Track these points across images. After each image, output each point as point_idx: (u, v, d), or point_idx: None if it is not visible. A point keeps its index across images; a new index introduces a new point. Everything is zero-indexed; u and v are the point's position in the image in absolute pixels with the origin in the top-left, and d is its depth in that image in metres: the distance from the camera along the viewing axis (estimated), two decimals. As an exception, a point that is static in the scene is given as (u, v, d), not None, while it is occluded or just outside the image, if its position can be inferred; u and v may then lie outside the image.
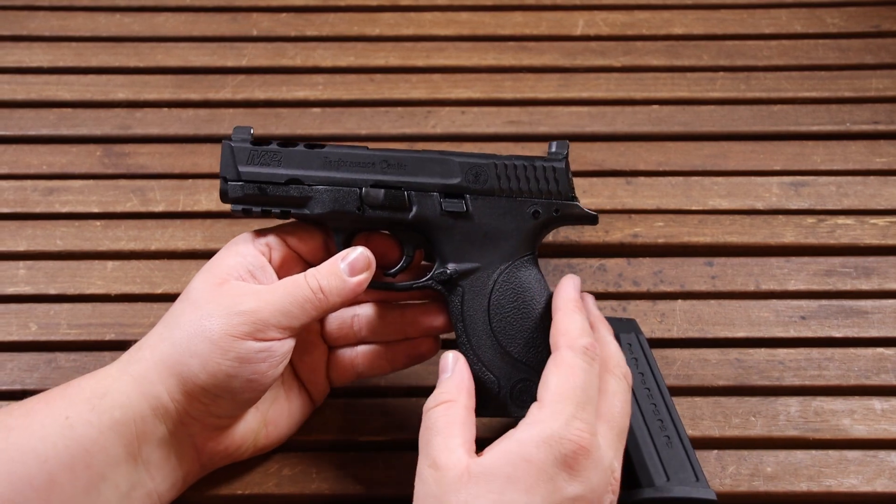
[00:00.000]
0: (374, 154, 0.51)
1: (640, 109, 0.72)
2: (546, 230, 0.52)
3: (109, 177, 0.67)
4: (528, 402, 0.46)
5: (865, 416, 0.56)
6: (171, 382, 0.46)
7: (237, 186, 0.51)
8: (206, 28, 0.77)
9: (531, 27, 0.77)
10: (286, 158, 0.51)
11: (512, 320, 0.50)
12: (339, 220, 0.51)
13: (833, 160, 0.68)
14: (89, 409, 0.45)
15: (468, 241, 0.51)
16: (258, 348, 0.46)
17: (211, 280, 0.48)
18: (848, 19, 0.77)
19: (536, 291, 0.50)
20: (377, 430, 0.55)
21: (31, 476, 0.42)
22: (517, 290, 0.50)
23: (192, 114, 0.71)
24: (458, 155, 0.52)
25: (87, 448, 0.44)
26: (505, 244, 0.51)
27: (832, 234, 0.64)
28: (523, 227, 0.51)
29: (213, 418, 0.48)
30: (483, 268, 0.50)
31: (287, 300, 0.47)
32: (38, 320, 0.60)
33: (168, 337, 0.47)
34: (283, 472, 0.53)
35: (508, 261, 0.50)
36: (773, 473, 0.54)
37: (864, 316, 0.60)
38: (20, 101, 0.72)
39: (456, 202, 0.51)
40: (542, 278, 0.51)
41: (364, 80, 0.73)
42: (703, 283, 0.62)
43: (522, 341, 0.50)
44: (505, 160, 0.51)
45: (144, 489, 0.47)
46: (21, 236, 0.64)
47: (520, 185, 0.51)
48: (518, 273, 0.50)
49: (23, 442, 0.43)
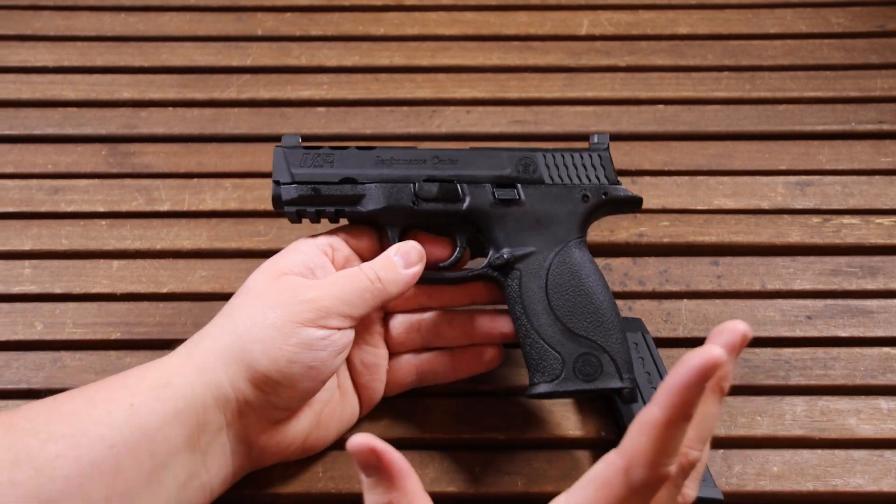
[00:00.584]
0: (425, 151, 0.54)
1: (645, 109, 0.72)
2: (595, 214, 0.55)
3: (114, 176, 0.67)
4: (591, 375, 0.50)
5: (871, 416, 0.56)
6: (233, 370, 0.47)
7: (291, 188, 0.53)
8: (210, 28, 0.77)
9: (536, 27, 0.77)
10: (339, 159, 0.54)
11: (570, 298, 0.52)
12: (394, 215, 0.53)
13: (838, 160, 0.68)
14: (153, 398, 0.45)
15: (521, 228, 0.53)
16: (320, 335, 0.47)
17: (270, 274, 0.50)
18: (853, 19, 0.77)
19: (591, 270, 0.53)
20: (384, 429, 0.55)
21: (99, 461, 0.43)
22: (573, 269, 0.52)
23: (197, 113, 0.71)
24: (505, 150, 0.55)
25: (151, 436, 0.44)
26: (558, 228, 0.53)
27: (838, 234, 0.64)
28: (574, 212, 0.53)
29: (271, 409, 0.48)
30: (538, 251, 0.53)
31: (347, 289, 0.49)
32: (44, 319, 0.60)
33: (229, 327, 0.48)
34: (289, 471, 0.53)
35: (562, 243, 0.53)
36: (779, 473, 0.54)
37: (870, 315, 0.60)
38: (25, 101, 0.72)
39: (508, 191, 0.54)
40: (593, 259, 0.53)
41: (369, 79, 0.73)
42: (708, 282, 0.62)
43: (581, 317, 0.51)
44: (552, 151, 0.55)
45: (200, 480, 0.47)
46: (26, 235, 0.64)
47: (568, 173, 0.54)
48: (572, 254, 0.53)
49: (89, 427, 0.43)
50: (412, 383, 0.55)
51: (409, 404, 0.56)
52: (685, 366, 0.35)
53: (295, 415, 0.50)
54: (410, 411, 0.56)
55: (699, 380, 0.35)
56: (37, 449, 0.42)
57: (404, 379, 0.55)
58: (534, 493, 0.53)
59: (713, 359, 0.35)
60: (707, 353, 0.35)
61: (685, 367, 0.35)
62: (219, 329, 0.48)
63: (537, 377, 0.51)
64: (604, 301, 0.52)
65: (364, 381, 0.54)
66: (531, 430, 0.55)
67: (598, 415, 0.56)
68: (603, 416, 0.56)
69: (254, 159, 0.68)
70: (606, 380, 0.50)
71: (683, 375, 0.35)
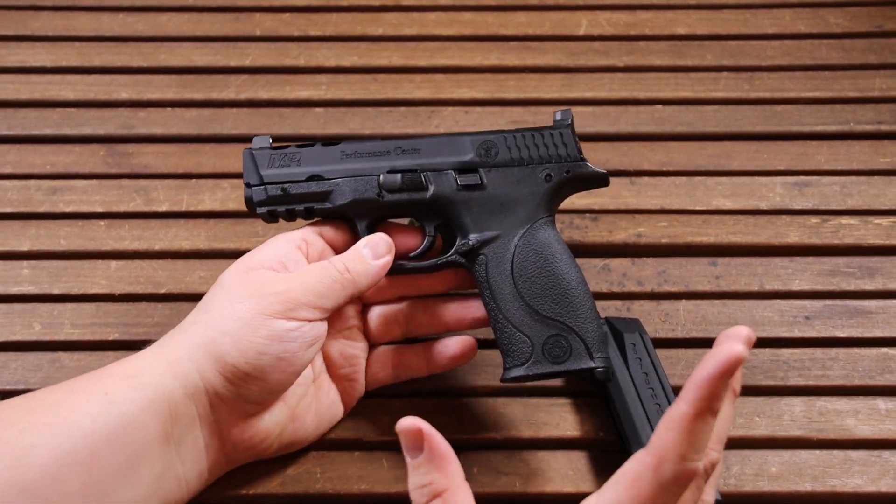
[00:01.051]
0: (388, 143, 0.54)
1: (644, 109, 0.72)
2: (561, 193, 0.54)
3: (113, 176, 0.67)
4: (560, 357, 0.50)
5: (870, 416, 0.56)
6: (203, 362, 0.47)
7: (261, 190, 0.54)
8: (209, 28, 0.77)
9: (534, 27, 0.77)
10: (304, 157, 0.54)
11: (536, 279, 0.52)
12: (361, 208, 0.53)
13: (837, 160, 0.68)
14: (128, 387, 0.46)
15: (486, 212, 0.53)
16: (290, 327, 0.47)
17: (241, 268, 0.50)
18: (851, 19, 0.77)
19: (556, 250, 0.52)
20: (382, 429, 0.55)
21: (75, 450, 0.43)
22: (537, 250, 0.52)
23: (195, 113, 0.71)
24: (467, 134, 0.55)
25: (126, 425, 0.45)
26: (521, 210, 0.53)
27: (836, 234, 0.64)
28: (537, 192, 0.53)
29: (242, 402, 0.48)
30: (503, 234, 0.53)
31: (316, 280, 0.49)
32: (42, 320, 0.60)
33: (200, 319, 0.48)
34: (287, 471, 0.53)
35: (526, 224, 0.53)
36: (777, 473, 0.54)
37: (869, 316, 0.60)
38: (24, 101, 0.72)
39: (471, 176, 0.54)
40: (561, 238, 0.53)
41: (367, 79, 0.73)
42: (706, 283, 0.62)
43: (548, 299, 0.51)
44: (514, 132, 0.54)
45: (175, 472, 0.47)
46: (25, 236, 0.64)
47: (530, 153, 0.54)
48: (536, 235, 0.52)
49: (66, 416, 0.44)
50: (389, 377, 0.55)
51: (405, 405, 0.56)
52: (711, 361, 0.37)
53: (267, 409, 0.50)
54: (407, 412, 0.56)
55: (725, 374, 0.37)
56: (14, 439, 0.42)
57: (380, 373, 0.55)
58: (531, 494, 0.53)
59: (736, 354, 0.37)
60: (731, 349, 0.37)
61: (711, 361, 0.37)
62: (191, 322, 0.49)
63: (509, 361, 0.51)
64: (571, 281, 0.51)
65: (343, 374, 0.54)
66: (529, 430, 0.55)
67: (595, 415, 0.56)
68: (601, 417, 0.56)
69: (252, 160, 0.68)
70: (576, 360, 0.50)
71: (710, 370, 0.37)
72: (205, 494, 0.51)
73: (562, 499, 0.53)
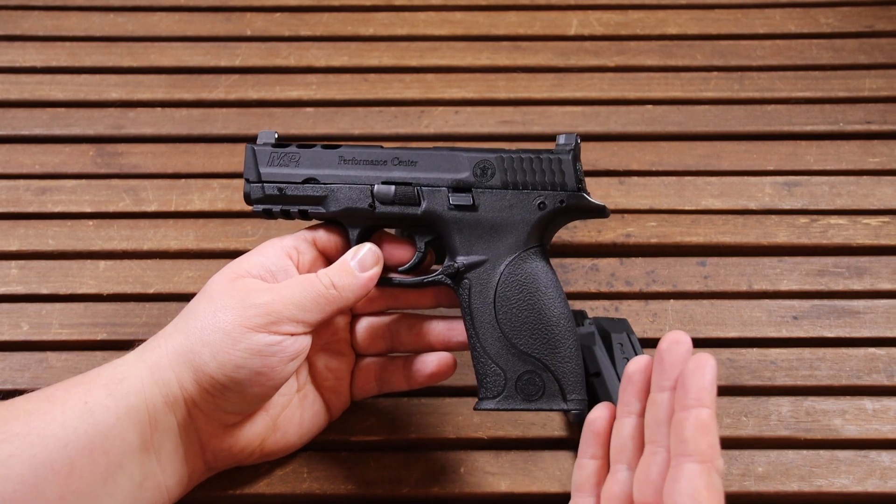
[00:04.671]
0: (386, 152, 0.52)
1: (634, 109, 0.72)
2: (555, 223, 0.52)
3: (102, 176, 0.67)
4: (533, 395, 0.48)
5: (857, 416, 0.56)
6: (182, 371, 0.47)
7: (258, 187, 0.52)
8: (199, 28, 0.77)
9: (525, 27, 0.77)
10: (304, 159, 0.53)
11: (517, 312, 0.50)
12: (354, 217, 0.52)
13: (826, 160, 0.68)
14: (107, 395, 0.45)
15: (475, 235, 0.51)
16: (270, 341, 0.46)
17: (228, 275, 0.49)
18: (842, 19, 0.77)
19: (542, 283, 0.50)
20: (368, 429, 0.55)
21: (53, 460, 0.43)
22: (522, 282, 0.50)
23: (185, 113, 0.71)
24: (467, 150, 0.52)
25: (105, 433, 0.44)
26: (510, 236, 0.51)
27: (825, 234, 0.64)
28: (529, 219, 0.51)
29: (220, 413, 0.48)
30: (490, 260, 0.50)
31: (301, 294, 0.48)
32: (30, 320, 0.60)
33: (182, 327, 0.48)
34: (274, 471, 0.53)
35: (515, 253, 0.50)
36: (764, 473, 0.54)
37: (856, 316, 0.60)
38: (13, 101, 0.72)
39: (463, 196, 0.51)
40: (551, 270, 0.51)
41: (358, 79, 0.73)
42: (695, 283, 0.62)
43: (527, 333, 0.49)
44: (512, 153, 0.52)
45: (155, 480, 0.47)
46: (13, 236, 0.64)
47: (525, 178, 0.51)
48: (524, 265, 0.50)
49: (43, 426, 0.43)
50: (373, 390, 0.55)
51: (393, 405, 0.56)
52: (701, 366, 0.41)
53: (248, 419, 0.50)
54: (394, 412, 0.56)
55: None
56: None
57: (367, 384, 0.54)
58: (518, 494, 0.53)
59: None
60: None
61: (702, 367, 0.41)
62: (173, 328, 0.48)
63: (482, 392, 0.50)
64: (553, 317, 0.49)
65: (329, 385, 0.53)
66: (516, 430, 0.55)
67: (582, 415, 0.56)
68: (588, 417, 0.56)
69: (242, 160, 0.68)
70: (549, 401, 0.49)
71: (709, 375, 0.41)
72: (190, 494, 0.51)
73: (548, 499, 0.53)
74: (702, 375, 0.40)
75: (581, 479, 0.46)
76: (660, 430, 0.42)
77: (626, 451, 0.44)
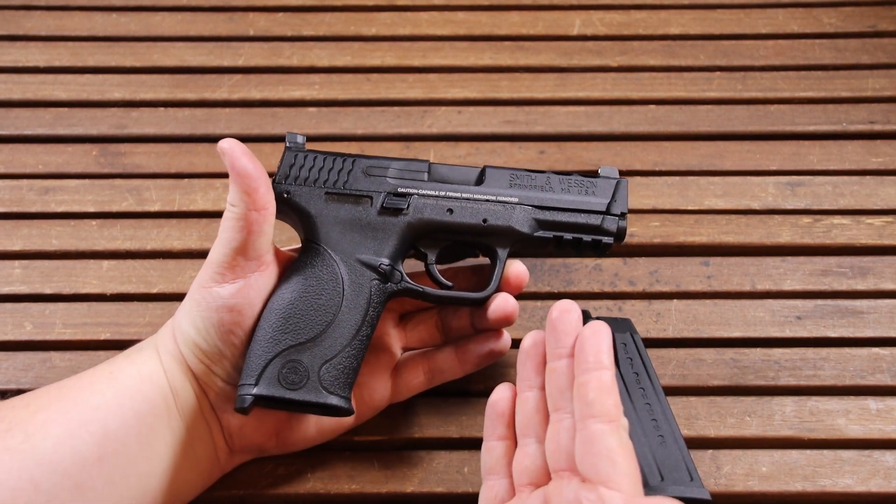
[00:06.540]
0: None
1: (637, 109, 0.72)
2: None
3: (105, 176, 0.67)
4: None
5: (860, 416, 0.56)
6: (180, 342, 0.49)
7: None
8: (202, 28, 0.77)
9: (528, 27, 0.77)
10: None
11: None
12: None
13: (829, 160, 0.68)
14: (129, 363, 0.48)
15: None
16: (225, 293, 0.48)
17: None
18: (844, 19, 0.77)
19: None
20: (372, 429, 0.55)
21: (87, 421, 0.45)
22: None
23: (188, 113, 0.71)
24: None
25: (132, 396, 0.46)
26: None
27: (828, 234, 0.64)
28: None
29: (221, 383, 0.49)
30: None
31: (222, 233, 0.48)
32: (34, 320, 0.60)
33: (178, 310, 0.50)
34: (277, 471, 0.53)
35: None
36: (768, 473, 0.54)
37: (860, 316, 0.60)
38: (16, 101, 0.72)
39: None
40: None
41: (360, 79, 0.73)
42: (698, 282, 0.62)
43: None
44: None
45: (189, 449, 0.48)
46: (17, 236, 0.64)
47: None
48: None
49: (75, 394, 0.46)
50: (422, 384, 0.55)
51: (396, 405, 0.56)
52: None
53: None
54: (398, 412, 0.56)
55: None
56: (27, 417, 0.44)
57: (413, 379, 0.54)
58: (522, 494, 0.53)
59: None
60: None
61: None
62: (178, 309, 0.51)
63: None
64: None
65: (363, 380, 0.53)
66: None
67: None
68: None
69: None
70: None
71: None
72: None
73: (552, 499, 0.53)
74: (599, 340, 0.43)
75: (491, 462, 0.47)
76: (563, 396, 0.43)
77: (532, 424, 0.45)
